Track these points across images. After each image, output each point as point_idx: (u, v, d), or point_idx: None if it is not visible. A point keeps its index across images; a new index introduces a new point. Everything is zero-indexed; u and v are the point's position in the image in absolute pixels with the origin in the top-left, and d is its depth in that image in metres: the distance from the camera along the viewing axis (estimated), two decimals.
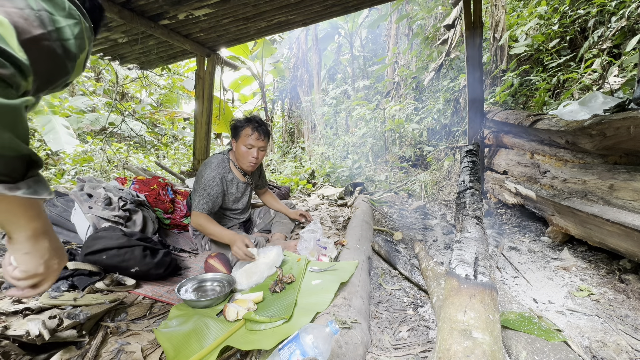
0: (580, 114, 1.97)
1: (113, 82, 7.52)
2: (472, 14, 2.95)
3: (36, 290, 0.67)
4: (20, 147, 0.53)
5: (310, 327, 0.86)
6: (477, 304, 0.93)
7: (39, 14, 0.54)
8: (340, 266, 1.56)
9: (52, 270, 0.67)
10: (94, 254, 1.48)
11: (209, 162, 2.01)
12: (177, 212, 2.54)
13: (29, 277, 0.64)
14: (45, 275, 0.66)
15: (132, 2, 2.72)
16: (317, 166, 6.59)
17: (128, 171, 4.44)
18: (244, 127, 1.95)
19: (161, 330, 1.15)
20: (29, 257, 0.63)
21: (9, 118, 0.50)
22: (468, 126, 3.26)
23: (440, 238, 2.32)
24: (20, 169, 0.54)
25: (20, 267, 0.63)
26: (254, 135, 1.93)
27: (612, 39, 3.03)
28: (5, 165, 0.51)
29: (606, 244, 1.61)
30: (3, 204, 0.56)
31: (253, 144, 1.94)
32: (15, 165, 0.53)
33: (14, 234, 0.61)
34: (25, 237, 0.61)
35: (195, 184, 1.98)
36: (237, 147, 1.99)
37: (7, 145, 0.50)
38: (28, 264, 0.63)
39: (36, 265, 0.64)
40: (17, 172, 0.54)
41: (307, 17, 3.23)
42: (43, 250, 0.64)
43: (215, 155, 2.07)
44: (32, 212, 0.60)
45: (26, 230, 0.61)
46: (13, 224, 0.59)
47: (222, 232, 1.80)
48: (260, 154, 1.99)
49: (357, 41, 9.87)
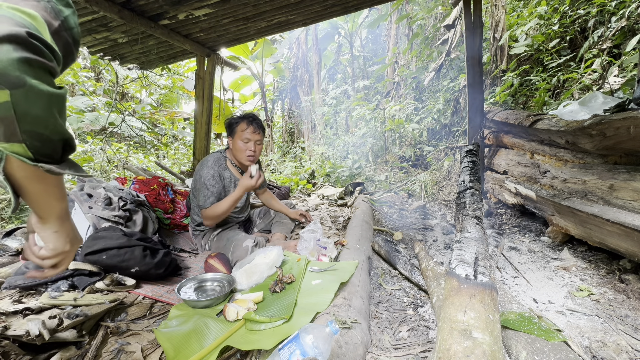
0: (580, 114, 1.97)
1: (113, 82, 7.52)
2: (472, 14, 2.95)
3: (56, 270, 0.72)
4: (65, 131, 0.58)
5: (310, 327, 0.86)
6: (477, 304, 0.93)
7: (50, 6, 0.57)
8: (340, 266, 1.56)
9: (74, 249, 0.73)
10: (94, 254, 1.48)
11: (205, 160, 2.03)
12: (177, 212, 2.54)
13: (57, 254, 0.69)
14: (68, 254, 0.72)
15: (132, 2, 2.72)
16: (317, 166, 6.59)
17: (128, 171, 4.44)
18: (238, 123, 2.00)
19: (161, 330, 1.15)
20: (57, 235, 0.68)
21: (60, 105, 0.55)
22: (468, 126, 3.26)
23: (440, 238, 2.32)
24: (60, 151, 0.59)
25: (49, 245, 0.68)
26: (249, 129, 1.98)
27: (612, 39, 3.02)
28: (53, 147, 0.57)
29: (606, 244, 1.61)
30: (44, 185, 0.62)
31: (249, 137, 1.98)
32: (58, 148, 0.58)
33: (45, 213, 0.66)
34: (56, 216, 0.67)
35: (195, 185, 1.98)
36: (234, 143, 2.02)
37: (58, 129, 0.56)
38: (57, 241, 0.68)
39: (63, 243, 0.69)
40: (58, 155, 0.59)
41: (307, 17, 3.23)
42: (68, 229, 0.70)
43: (211, 154, 2.09)
44: (62, 192, 0.66)
45: (56, 209, 0.66)
46: (46, 204, 0.65)
47: (231, 195, 1.91)
48: (258, 147, 2.02)
49: (357, 41, 9.87)
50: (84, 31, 3.05)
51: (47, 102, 0.52)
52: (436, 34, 5.65)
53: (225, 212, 1.90)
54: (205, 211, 1.91)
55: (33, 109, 0.51)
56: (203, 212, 1.92)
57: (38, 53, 0.51)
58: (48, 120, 0.53)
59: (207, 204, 1.90)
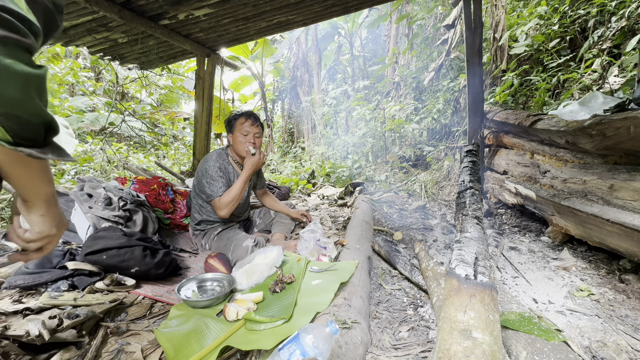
0: (580, 114, 1.96)
1: (113, 82, 7.52)
2: (472, 14, 2.95)
3: (41, 254, 0.71)
4: (45, 113, 0.55)
5: (310, 327, 0.86)
6: (477, 304, 0.93)
7: None
8: (340, 266, 1.56)
9: (60, 233, 0.72)
10: (94, 254, 1.48)
11: (208, 156, 2.08)
12: (177, 212, 2.54)
13: (42, 238, 0.68)
14: (54, 237, 0.71)
15: (132, 2, 2.72)
16: (317, 166, 6.59)
17: (128, 171, 4.44)
18: (237, 119, 2.06)
19: (161, 330, 1.15)
20: (43, 219, 0.67)
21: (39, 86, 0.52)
22: (468, 126, 3.26)
23: (440, 238, 2.32)
24: (42, 134, 0.57)
25: (34, 228, 0.67)
26: (247, 122, 2.03)
27: (612, 39, 3.02)
28: (33, 130, 0.54)
29: (606, 244, 1.61)
30: (27, 168, 0.60)
31: (248, 130, 2.03)
32: (40, 131, 0.56)
33: (30, 197, 0.64)
34: (42, 200, 0.66)
35: (201, 179, 2.00)
36: (234, 138, 2.06)
37: (37, 112, 0.53)
38: (43, 225, 0.67)
39: (49, 226, 0.68)
40: (41, 138, 0.57)
41: (307, 17, 3.23)
42: (55, 213, 0.69)
43: (213, 151, 2.13)
44: (47, 176, 0.64)
45: (42, 193, 0.65)
46: (31, 187, 0.63)
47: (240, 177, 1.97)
48: (257, 140, 2.06)
49: (357, 41, 9.87)
50: (84, 31, 3.06)
51: (23, 82, 0.49)
52: (436, 34, 5.65)
53: (237, 196, 1.94)
54: (219, 200, 1.93)
55: (8, 91, 0.48)
56: (216, 202, 1.94)
57: (12, 29, 0.47)
58: (25, 102, 0.51)
59: (219, 193, 1.93)
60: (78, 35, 3.15)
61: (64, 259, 1.52)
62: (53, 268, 1.47)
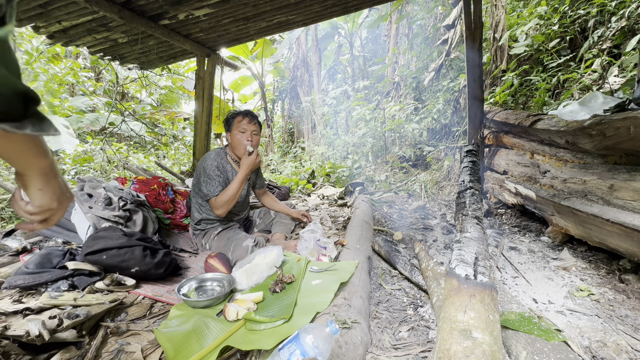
0: (580, 114, 1.96)
1: (113, 82, 7.52)
2: (472, 14, 2.95)
3: (46, 225, 0.69)
4: (15, 82, 0.50)
5: (310, 327, 0.86)
6: (477, 304, 0.93)
7: None
8: (340, 266, 1.56)
9: (62, 207, 0.69)
10: (94, 254, 1.48)
11: (207, 155, 2.11)
12: (177, 212, 2.54)
13: (43, 211, 0.66)
14: (56, 211, 0.68)
15: (132, 2, 2.72)
16: (317, 166, 6.59)
17: (128, 171, 4.44)
18: (235, 117, 2.09)
19: (161, 330, 1.15)
20: (42, 192, 0.64)
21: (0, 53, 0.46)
22: (468, 126, 3.26)
23: (440, 238, 2.32)
24: (19, 106, 0.52)
25: (34, 202, 0.65)
26: (245, 120, 2.06)
27: (612, 39, 3.02)
28: (6, 103, 0.50)
29: (606, 244, 1.61)
30: (10, 143, 0.56)
31: (246, 127, 2.05)
32: (14, 103, 0.51)
33: (24, 170, 0.61)
34: (38, 173, 0.62)
35: (199, 178, 2.02)
36: (232, 137, 2.09)
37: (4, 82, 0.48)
38: (42, 199, 0.65)
39: (50, 200, 0.65)
40: (17, 110, 0.52)
41: (307, 17, 3.23)
42: (55, 186, 0.66)
43: (212, 150, 2.16)
44: (39, 149, 0.60)
45: (37, 166, 0.62)
46: (22, 161, 0.60)
47: (236, 177, 1.96)
48: (255, 138, 2.08)
49: (357, 41, 9.87)
50: (84, 31, 3.06)
51: None
52: (436, 34, 5.65)
53: (233, 195, 1.95)
54: (215, 200, 1.96)
55: None
56: (213, 201, 1.97)
57: None
58: None
59: (216, 192, 1.96)
60: (78, 35, 3.15)
61: (64, 259, 1.52)
62: (53, 268, 1.47)
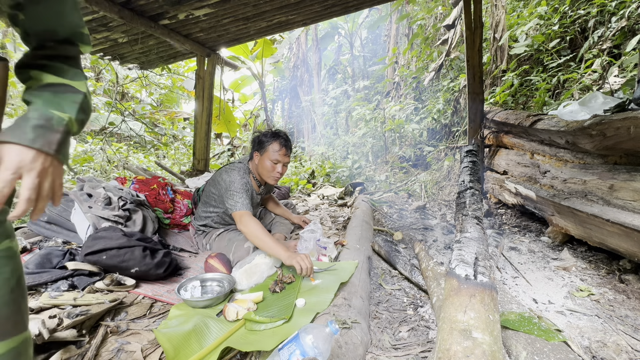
0: (580, 114, 1.96)
1: (113, 82, 7.51)
2: (472, 14, 2.95)
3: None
4: None
5: (310, 327, 0.86)
6: (477, 304, 0.93)
7: None
8: (340, 266, 1.56)
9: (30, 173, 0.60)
10: (94, 254, 1.48)
11: (236, 168, 1.95)
12: (177, 212, 2.54)
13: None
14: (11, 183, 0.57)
15: (132, 2, 2.72)
16: (317, 166, 6.59)
17: (128, 171, 4.44)
18: (271, 142, 1.90)
19: (161, 330, 1.15)
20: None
21: None
22: (468, 126, 3.26)
23: (440, 238, 2.32)
24: None
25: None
26: (281, 151, 1.89)
27: (612, 39, 3.03)
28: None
29: (606, 244, 1.61)
30: None
31: (280, 159, 1.90)
32: None
33: None
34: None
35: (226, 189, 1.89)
36: (261, 160, 1.93)
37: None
38: None
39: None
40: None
41: (307, 17, 3.23)
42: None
43: (236, 164, 2.01)
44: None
45: None
46: None
47: (277, 246, 1.61)
48: (284, 169, 1.96)
49: (357, 41, 9.87)
50: None
51: None
52: (436, 34, 5.65)
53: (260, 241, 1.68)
54: (241, 214, 1.77)
55: None
56: (238, 213, 1.78)
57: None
58: None
59: (243, 207, 1.78)
60: None
61: (64, 259, 1.52)
62: (53, 268, 1.47)
